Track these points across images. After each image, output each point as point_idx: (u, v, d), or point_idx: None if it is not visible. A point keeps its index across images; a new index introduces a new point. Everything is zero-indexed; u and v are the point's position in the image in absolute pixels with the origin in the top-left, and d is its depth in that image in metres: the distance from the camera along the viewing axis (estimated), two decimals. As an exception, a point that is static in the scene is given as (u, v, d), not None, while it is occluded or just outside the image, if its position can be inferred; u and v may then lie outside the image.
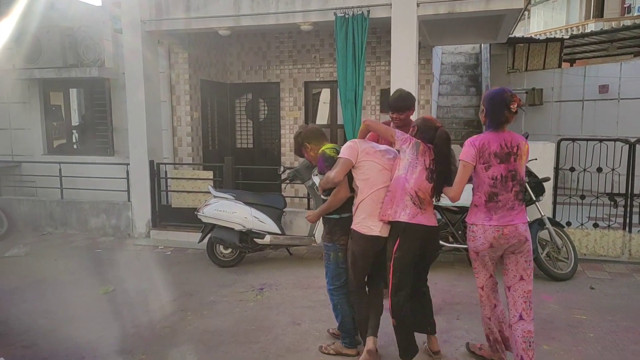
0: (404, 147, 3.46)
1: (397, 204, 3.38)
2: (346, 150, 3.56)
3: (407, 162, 3.44)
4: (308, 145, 3.88)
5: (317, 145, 3.85)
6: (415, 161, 3.44)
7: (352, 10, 6.23)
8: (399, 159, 3.51)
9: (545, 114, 11.19)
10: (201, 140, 8.70)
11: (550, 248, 5.57)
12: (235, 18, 6.79)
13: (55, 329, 4.38)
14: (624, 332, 4.15)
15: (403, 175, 3.42)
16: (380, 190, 3.51)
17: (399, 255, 3.37)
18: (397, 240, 3.37)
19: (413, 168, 3.42)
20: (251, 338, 4.13)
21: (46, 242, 7.43)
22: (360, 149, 3.55)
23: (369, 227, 3.48)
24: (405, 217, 3.35)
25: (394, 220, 3.38)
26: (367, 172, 3.53)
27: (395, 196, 3.41)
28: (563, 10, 19.20)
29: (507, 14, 6.55)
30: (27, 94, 8.83)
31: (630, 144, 6.02)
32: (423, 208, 3.40)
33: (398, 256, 3.37)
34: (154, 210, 7.44)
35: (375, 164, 3.55)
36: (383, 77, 8.55)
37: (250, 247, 6.01)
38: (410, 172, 3.42)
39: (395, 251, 3.37)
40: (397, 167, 3.50)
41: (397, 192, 3.41)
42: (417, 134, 3.55)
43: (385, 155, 3.61)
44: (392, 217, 3.38)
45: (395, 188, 3.43)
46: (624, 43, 12.48)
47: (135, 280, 5.64)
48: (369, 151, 3.58)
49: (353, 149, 3.55)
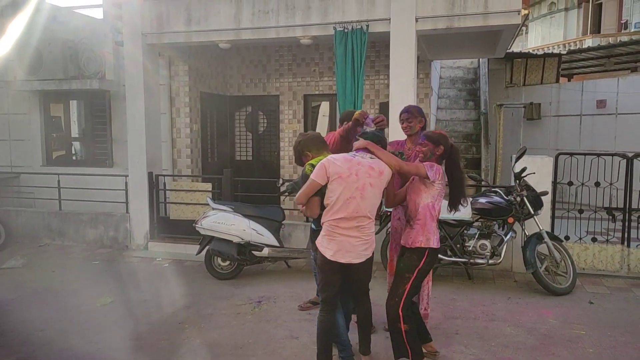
0: (437, 179, 3.49)
1: (429, 231, 3.52)
2: (316, 171, 3.40)
3: (437, 192, 3.54)
4: (309, 153, 3.82)
5: (317, 153, 3.78)
6: (442, 190, 3.56)
7: (352, 24, 6.28)
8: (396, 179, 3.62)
9: (543, 129, 11.24)
10: (200, 152, 8.71)
11: (549, 262, 5.56)
12: (236, 32, 6.84)
13: (53, 340, 4.35)
14: (623, 347, 4.13)
15: (430, 204, 3.53)
16: (338, 220, 3.35)
17: (423, 269, 3.54)
18: (424, 258, 3.52)
19: (440, 197, 3.57)
20: (248, 351, 4.10)
21: (44, 254, 7.40)
22: (331, 171, 3.34)
23: (325, 247, 3.43)
24: (435, 243, 3.54)
25: (426, 247, 3.51)
26: (331, 197, 3.36)
27: (425, 223, 3.52)
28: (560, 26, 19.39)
29: (504, 30, 6.62)
30: (28, 106, 8.85)
31: (627, 158, 6.04)
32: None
33: (422, 269, 3.53)
34: (152, 222, 7.43)
35: (344, 190, 3.32)
36: (382, 90, 8.61)
37: (248, 260, 5.99)
38: (437, 200, 3.55)
39: (421, 266, 3.52)
40: (418, 192, 3.55)
41: (427, 220, 3.53)
42: (441, 154, 3.59)
43: (367, 178, 3.35)
44: (424, 243, 3.51)
45: (424, 216, 3.53)
46: (620, 59, 12.60)
47: (133, 292, 5.61)
48: (342, 174, 3.33)
49: (321, 169, 3.36)
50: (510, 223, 5.65)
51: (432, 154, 3.57)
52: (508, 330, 4.50)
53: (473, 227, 5.72)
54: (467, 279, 5.89)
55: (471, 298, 5.30)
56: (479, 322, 4.68)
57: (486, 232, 5.67)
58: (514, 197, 5.63)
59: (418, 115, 4.23)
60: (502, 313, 4.90)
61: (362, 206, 3.36)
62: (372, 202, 3.42)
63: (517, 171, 5.72)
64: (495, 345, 4.18)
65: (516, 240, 5.88)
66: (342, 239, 3.38)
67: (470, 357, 3.98)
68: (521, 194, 5.58)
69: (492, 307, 5.05)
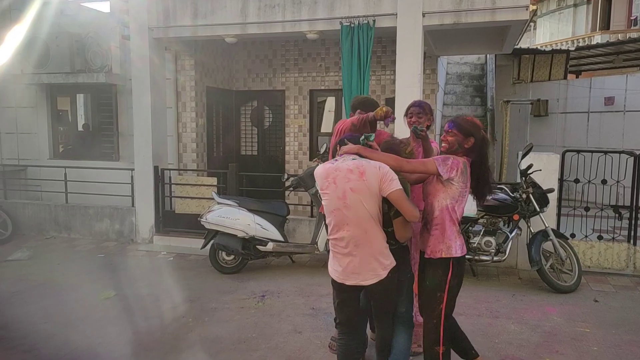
0: (452, 176, 2.93)
1: (449, 237, 3.01)
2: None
3: (457, 192, 2.98)
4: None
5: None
6: (465, 190, 3.00)
7: (358, 19, 6.26)
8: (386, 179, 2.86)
9: (550, 126, 11.17)
10: (206, 147, 8.73)
11: (554, 260, 5.54)
12: (242, 26, 6.83)
13: (56, 333, 4.38)
14: (627, 346, 4.11)
15: (450, 206, 3.00)
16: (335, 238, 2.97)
17: (453, 284, 3.05)
18: (450, 270, 3.02)
19: (462, 197, 3.02)
20: (252, 346, 4.11)
21: (50, 246, 7.45)
22: (318, 184, 3.06)
23: (331, 268, 3.08)
24: (459, 252, 3.03)
25: (448, 257, 3.02)
26: (325, 213, 3.07)
27: (445, 229, 3.01)
28: (569, 22, 19.20)
29: (512, 25, 6.56)
30: (35, 99, 8.89)
31: (635, 156, 5.99)
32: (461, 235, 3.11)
33: (452, 285, 3.05)
34: (158, 215, 7.46)
35: (328, 203, 2.97)
36: (388, 86, 8.57)
37: (252, 254, 6.00)
38: (459, 202, 3.01)
39: (449, 279, 3.03)
40: (434, 193, 3.03)
41: (446, 224, 3.01)
42: (473, 146, 3.00)
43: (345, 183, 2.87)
44: (445, 253, 3.01)
45: (442, 220, 3.02)
46: (629, 55, 12.47)
47: (137, 285, 5.64)
48: (322, 186, 3.00)
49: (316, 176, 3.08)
50: (515, 220, 5.63)
51: (459, 147, 3.00)
52: (512, 327, 4.48)
53: (478, 223, 5.70)
54: (472, 276, 5.87)
55: (475, 295, 5.28)
56: (482, 319, 4.67)
57: (491, 229, 5.65)
58: (519, 194, 5.60)
59: (429, 112, 3.82)
60: (506, 310, 4.88)
61: (349, 217, 2.88)
62: (361, 211, 2.85)
63: (523, 168, 5.69)
64: (499, 343, 4.17)
65: (521, 238, 5.86)
66: (343, 259, 2.97)
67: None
68: (527, 191, 5.55)
69: (496, 304, 5.04)
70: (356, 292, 3.06)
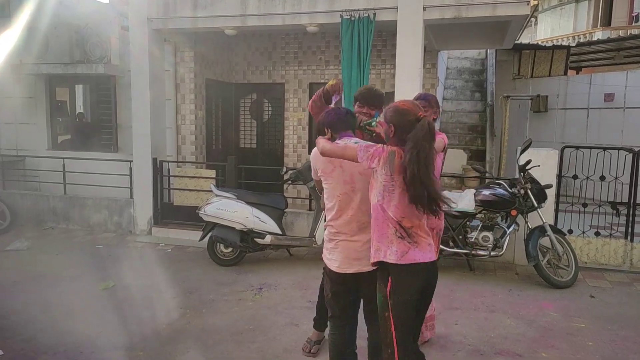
0: (374, 167, 2.61)
1: (381, 240, 2.64)
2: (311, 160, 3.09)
3: (381, 186, 2.60)
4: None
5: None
6: (391, 183, 2.58)
7: (359, 12, 6.23)
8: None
9: (550, 121, 11.17)
10: (205, 139, 8.72)
11: (551, 255, 5.56)
12: (242, 18, 6.81)
13: (55, 323, 4.39)
14: (623, 342, 4.14)
15: (379, 203, 2.63)
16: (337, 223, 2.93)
17: (395, 301, 2.60)
18: (389, 283, 2.64)
19: (390, 193, 2.59)
20: (249, 337, 4.14)
21: (48, 237, 7.46)
22: (316, 166, 3.03)
23: (329, 259, 3.03)
24: (393, 257, 2.59)
25: (381, 262, 2.66)
26: (325, 197, 3.02)
27: (377, 230, 2.67)
28: (570, 18, 19.15)
29: (513, 20, 6.55)
30: (33, 89, 8.86)
31: (634, 153, 6.00)
32: (415, 240, 2.60)
33: (395, 302, 2.60)
34: (156, 207, 7.46)
35: (333, 188, 2.94)
36: (388, 80, 8.56)
37: (250, 247, 6.02)
38: (387, 197, 2.60)
39: (389, 296, 2.63)
40: (370, 189, 2.73)
41: (378, 225, 2.65)
42: (395, 135, 2.64)
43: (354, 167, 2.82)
44: (374, 257, 2.68)
45: (375, 219, 2.68)
46: (630, 52, 12.44)
47: (136, 277, 5.65)
48: (324, 169, 2.96)
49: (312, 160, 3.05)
50: (513, 215, 5.64)
51: (387, 137, 2.71)
52: (508, 321, 4.51)
53: (476, 218, 5.71)
54: (468, 271, 5.89)
55: (472, 289, 5.31)
56: (479, 313, 4.69)
57: (489, 224, 5.67)
58: (517, 189, 5.61)
59: (435, 105, 3.63)
60: (502, 305, 4.90)
61: (356, 201, 2.87)
62: (367, 194, 2.82)
63: (522, 163, 5.69)
64: (495, 337, 4.19)
65: (519, 233, 5.87)
66: (345, 245, 2.92)
67: (469, 347, 4.00)
68: (525, 186, 5.56)
69: (492, 298, 5.06)
70: (353, 282, 2.98)
